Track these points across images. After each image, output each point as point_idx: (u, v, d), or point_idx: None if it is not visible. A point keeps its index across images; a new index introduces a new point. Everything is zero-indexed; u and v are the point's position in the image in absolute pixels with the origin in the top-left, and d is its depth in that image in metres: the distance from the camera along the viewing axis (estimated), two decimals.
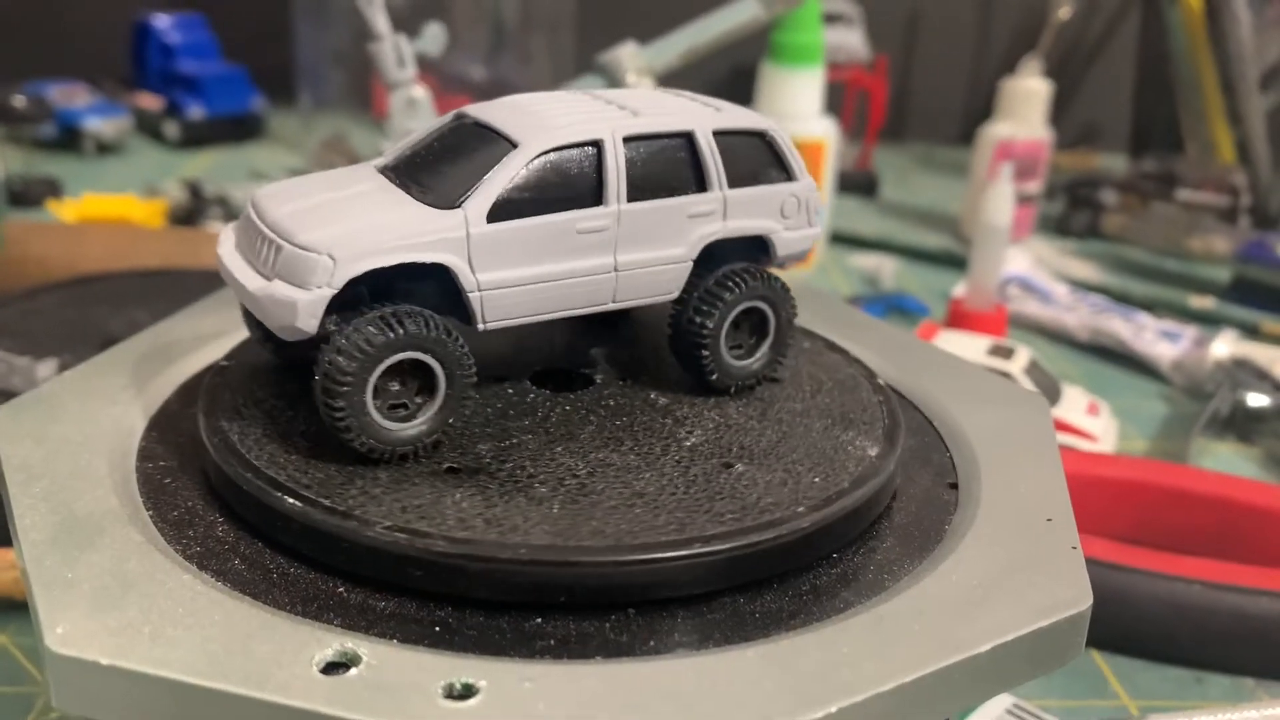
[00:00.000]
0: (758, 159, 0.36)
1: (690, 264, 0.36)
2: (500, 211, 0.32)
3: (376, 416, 0.31)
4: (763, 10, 0.71)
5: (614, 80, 0.70)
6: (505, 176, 0.32)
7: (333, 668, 0.26)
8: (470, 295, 0.32)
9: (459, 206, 0.32)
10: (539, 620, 0.28)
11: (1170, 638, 0.49)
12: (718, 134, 0.35)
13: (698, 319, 0.36)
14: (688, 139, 0.35)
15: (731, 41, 0.72)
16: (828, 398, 0.38)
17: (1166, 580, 0.49)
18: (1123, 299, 0.89)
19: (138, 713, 0.25)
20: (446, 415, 0.32)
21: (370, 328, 0.31)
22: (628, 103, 0.36)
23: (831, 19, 1.22)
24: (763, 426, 0.35)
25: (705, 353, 0.36)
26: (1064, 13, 1.12)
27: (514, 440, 0.34)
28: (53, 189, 1.00)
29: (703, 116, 0.36)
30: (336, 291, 0.31)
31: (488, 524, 0.29)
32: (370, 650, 0.26)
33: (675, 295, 0.36)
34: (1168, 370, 0.76)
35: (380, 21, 0.68)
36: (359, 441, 0.31)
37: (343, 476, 0.31)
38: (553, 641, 0.28)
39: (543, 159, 0.33)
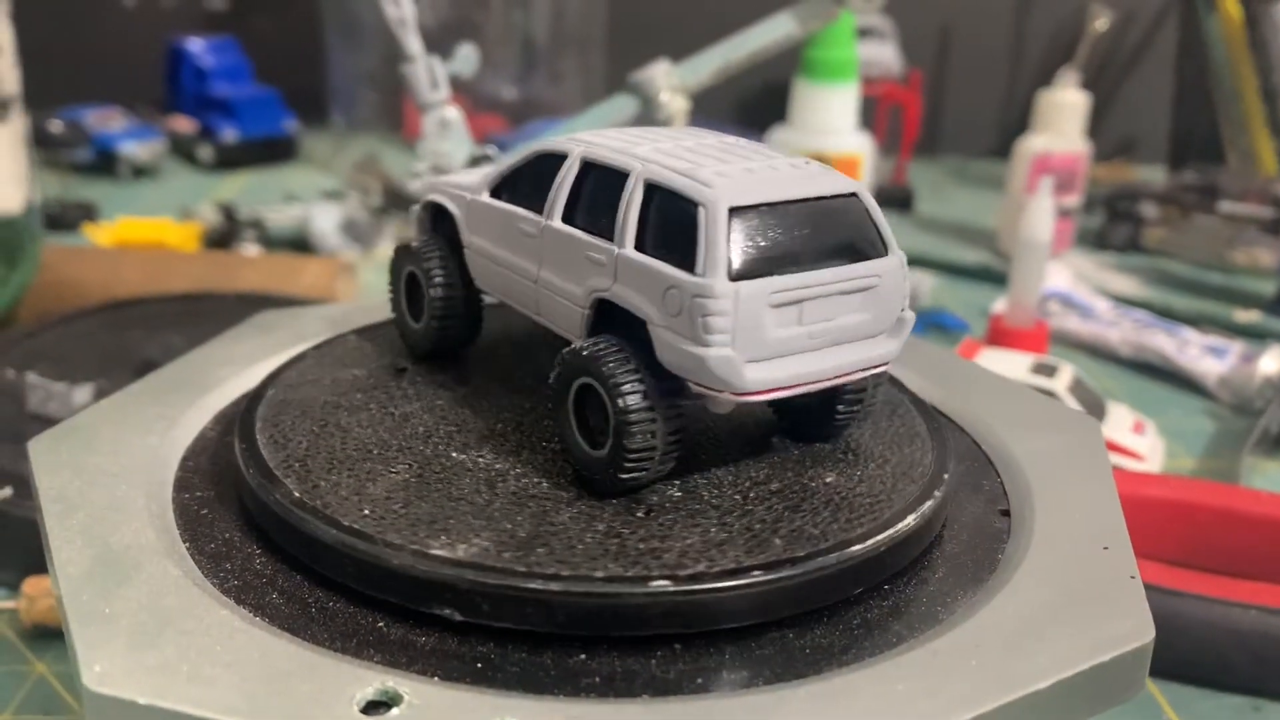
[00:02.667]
0: (680, 231, 0.30)
1: (583, 311, 0.32)
2: (496, 190, 0.37)
3: (403, 307, 0.41)
4: (797, 27, 0.71)
5: (647, 99, 0.70)
6: (506, 164, 0.37)
7: (374, 707, 0.25)
8: (464, 250, 0.38)
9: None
10: (583, 656, 0.27)
11: (1226, 665, 0.47)
12: (654, 187, 0.31)
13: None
14: (626, 179, 0.32)
15: (765, 59, 0.72)
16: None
17: (1221, 605, 0.47)
18: (1166, 314, 0.87)
19: None
20: (430, 326, 0.39)
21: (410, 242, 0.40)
22: (684, 145, 0.33)
23: (864, 33, 1.21)
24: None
25: (552, 420, 0.33)
26: (1100, 24, 1.11)
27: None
28: (89, 213, 1.01)
29: (660, 166, 0.31)
30: (420, 208, 0.41)
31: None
32: (412, 689, 0.25)
33: (576, 340, 0.33)
34: (1214, 387, 0.75)
35: (413, 43, 0.68)
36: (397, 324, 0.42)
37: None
38: (597, 679, 0.27)
39: (535, 159, 0.36)
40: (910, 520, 0.31)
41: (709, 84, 0.71)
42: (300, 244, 0.95)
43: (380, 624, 0.28)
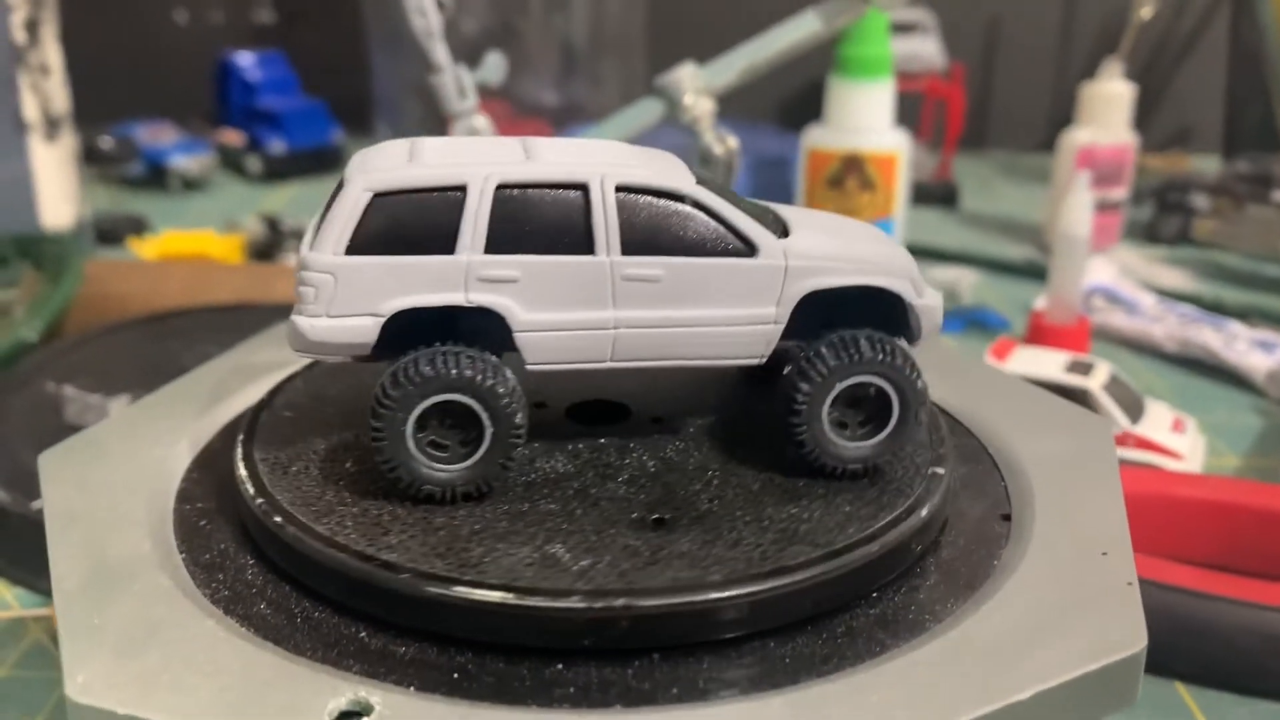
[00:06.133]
0: None
1: None
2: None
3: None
4: (823, 25, 0.70)
5: (673, 102, 0.69)
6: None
7: (346, 717, 0.25)
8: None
9: None
10: (559, 666, 0.27)
11: (1261, 669, 0.46)
12: None
13: None
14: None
15: (792, 58, 0.71)
16: None
17: (1256, 609, 0.46)
18: (1215, 308, 0.85)
19: None
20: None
21: None
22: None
23: (906, 28, 1.19)
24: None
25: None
26: (1145, 12, 1.08)
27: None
28: (138, 227, 1.03)
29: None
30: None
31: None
32: (384, 699, 0.26)
33: None
34: (1263, 382, 0.73)
35: (440, 53, 0.69)
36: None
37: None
38: (572, 689, 0.27)
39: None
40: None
41: (736, 84, 0.71)
42: None
43: (362, 634, 0.29)
